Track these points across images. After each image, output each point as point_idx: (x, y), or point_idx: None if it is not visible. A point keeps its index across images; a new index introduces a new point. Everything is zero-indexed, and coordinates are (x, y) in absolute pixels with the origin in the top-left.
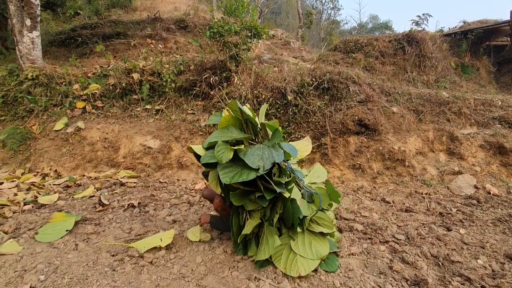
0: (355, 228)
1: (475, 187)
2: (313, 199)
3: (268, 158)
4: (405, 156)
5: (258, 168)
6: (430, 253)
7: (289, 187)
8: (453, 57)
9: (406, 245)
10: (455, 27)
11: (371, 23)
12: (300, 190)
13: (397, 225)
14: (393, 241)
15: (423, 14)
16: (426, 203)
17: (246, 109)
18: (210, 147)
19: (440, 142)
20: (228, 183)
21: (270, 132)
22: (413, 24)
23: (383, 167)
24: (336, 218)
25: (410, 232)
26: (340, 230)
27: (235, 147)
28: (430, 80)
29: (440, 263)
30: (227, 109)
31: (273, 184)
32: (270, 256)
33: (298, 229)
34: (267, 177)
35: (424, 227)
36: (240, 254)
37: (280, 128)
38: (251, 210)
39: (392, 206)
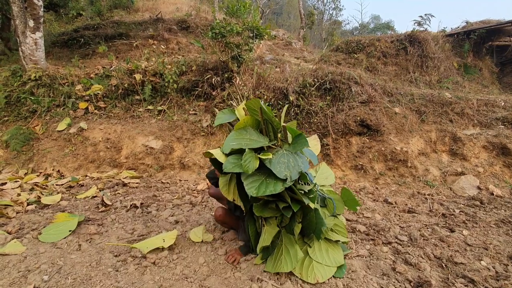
0: (357, 229)
1: (478, 188)
2: (325, 203)
3: (294, 167)
4: (407, 156)
5: (286, 179)
6: (433, 254)
7: (311, 196)
8: (456, 58)
9: (409, 246)
10: (458, 27)
11: (373, 24)
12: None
13: (400, 226)
14: (396, 242)
15: (425, 14)
16: (429, 204)
17: (269, 109)
18: (231, 152)
19: (442, 143)
20: (255, 196)
21: (289, 135)
22: (415, 24)
23: (385, 168)
24: None
25: (413, 233)
26: None
27: (260, 155)
28: (432, 80)
29: (443, 264)
30: (242, 108)
31: (299, 195)
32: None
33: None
34: (293, 187)
35: (427, 228)
36: (259, 263)
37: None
38: (267, 217)
39: (394, 207)
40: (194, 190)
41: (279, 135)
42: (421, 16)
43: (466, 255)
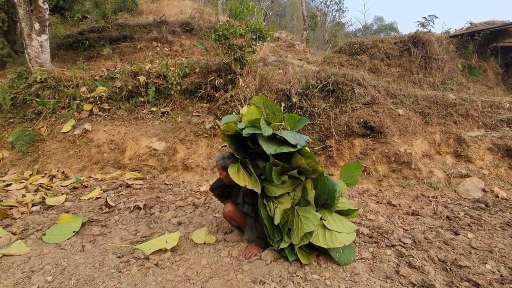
0: (360, 232)
1: (483, 190)
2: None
3: (299, 138)
4: (411, 158)
5: (296, 144)
6: (437, 257)
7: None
8: (460, 59)
9: (413, 249)
10: (462, 28)
11: (376, 25)
12: None
13: (403, 229)
14: (399, 245)
15: (429, 16)
16: (433, 206)
17: (271, 102)
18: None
19: (447, 145)
20: (273, 153)
21: (287, 125)
22: (419, 25)
23: (389, 170)
24: None
25: (417, 236)
26: None
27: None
28: (436, 82)
29: (447, 267)
30: (247, 105)
31: (309, 153)
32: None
33: (326, 211)
34: (302, 150)
35: (431, 231)
36: (277, 245)
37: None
38: (279, 196)
39: (398, 209)
40: (197, 191)
41: (281, 126)
42: (424, 17)
43: (471, 258)
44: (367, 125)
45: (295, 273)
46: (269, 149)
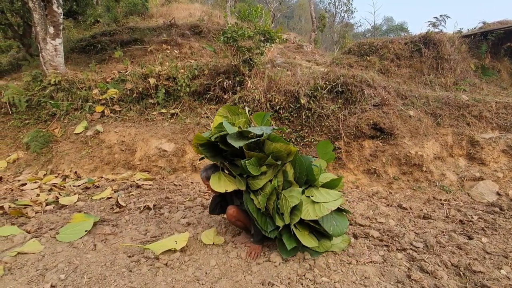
0: (371, 235)
1: (498, 193)
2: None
3: (265, 129)
4: (422, 161)
5: (262, 133)
6: (450, 262)
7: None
8: (473, 59)
9: (424, 253)
10: (474, 28)
11: (385, 25)
12: None
13: (414, 232)
14: (411, 249)
15: (441, 15)
16: (445, 210)
17: (234, 107)
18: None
19: (459, 147)
20: (242, 145)
21: (256, 124)
22: (430, 25)
23: (399, 172)
24: (351, 224)
25: (428, 240)
26: (355, 237)
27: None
28: (448, 82)
29: (461, 273)
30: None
31: (280, 139)
32: (296, 246)
33: (312, 188)
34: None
35: (444, 235)
36: (272, 235)
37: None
38: (263, 186)
39: (409, 212)
40: (205, 192)
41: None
42: (436, 17)
43: (485, 263)
44: (377, 127)
45: (304, 275)
46: (238, 143)
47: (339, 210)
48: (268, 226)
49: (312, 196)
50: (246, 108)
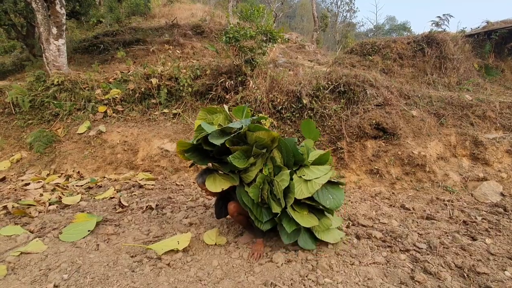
0: (373, 236)
1: (502, 194)
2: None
3: (244, 121)
4: (425, 161)
5: (241, 127)
6: (454, 263)
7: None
8: (476, 59)
9: (428, 254)
10: (478, 27)
11: (388, 25)
12: None
13: (418, 233)
14: (414, 249)
15: (444, 15)
16: (448, 210)
17: (212, 108)
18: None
19: (463, 147)
20: (224, 142)
21: (237, 119)
22: (433, 25)
23: (402, 172)
24: (354, 225)
25: (432, 240)
26: (358, 237)
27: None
28: (451, 82)
29: (465, 274)
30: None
31: (263, 127)
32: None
33: (303, 168)
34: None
35: (447, 235)
36: (265, 227)
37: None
38: (254, 178)
39: (412, 213)
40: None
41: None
42: (439, 17)
43: (489, 264)
44: (380, 127)
45: (306, 276)
46: (219, 141)
47: (334, 184)
48: (263, 217)
49: (303, 175)
50: (225, 106)
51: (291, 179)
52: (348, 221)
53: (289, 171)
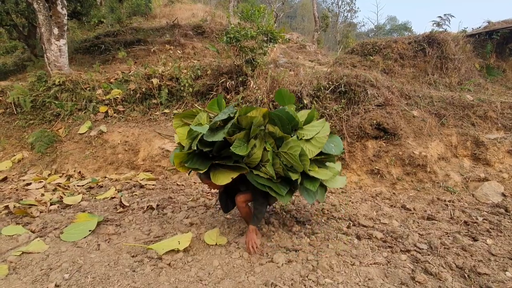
0: (374, 236)
1: (503, 195)
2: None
3: (228, 110)
4: (426, 161)
5: (229, 115)
6: (455, 264)
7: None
8: (478, 59)
9: (429, 254)
10: (479, 27)
11: (389, 25)
12: None
13: (418, 234)
14: (414, 250)
15: (445, 15)
16: (449, 211)
17: (188, 111)
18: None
19: (464, 147)
20: (222, 139)
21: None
22: (434, 25)
23: (403, 173)
24: (354, 225)
25: (433, 241)
26: (358, 238)
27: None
28: (452, 82)
29: (466, 275)
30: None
31: (246, 111)
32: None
33: (299, 130)
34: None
35: (448, 236)
36: (288, 198)
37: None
38: (261, 159)
39: (413, 213)
40: (209, 192)
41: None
42: (440, 17)
43: (490, 265)
44: (380, 127)
45: (307, 276)
46: (219, 136)
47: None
48: (282, 190)
49: (304, 136)
50: (196, 104)
51: None
52: (349, 221)
53: (294, 137)
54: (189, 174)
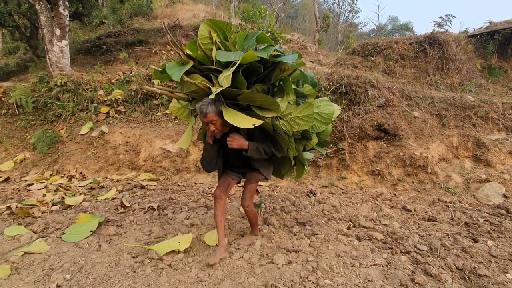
0: (374, 237)
1: (504, 196)
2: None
3: (239, 53)
4: (427, 162)
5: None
6: (455, 265)
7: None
8: (479, 59)
9: (429, 256)
10: (481, 27)
11: (390, 25)
12: None
13: (419, 235)
14: (415, 251)
15: (446, 15)
16: (450, 212)
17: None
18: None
19: (465, 148)
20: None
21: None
22: (435, 25)
23: (403, 174)
24: (354, 226)
25: (433, 242)
26: (358, 239)
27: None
28: (454, 83)
29: (466, 276)
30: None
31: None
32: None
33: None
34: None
35: (449, 237)
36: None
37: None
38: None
39: (413, 214)
40: (209, 193)
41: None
42: (441, 17)
43: (491, 267)
44: (381, 128)
45: (307, 277)
46: (236, 56)
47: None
48: (295, 150)
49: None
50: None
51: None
52: (349, 222)
53: (322, 98)
54: (198, 138)
